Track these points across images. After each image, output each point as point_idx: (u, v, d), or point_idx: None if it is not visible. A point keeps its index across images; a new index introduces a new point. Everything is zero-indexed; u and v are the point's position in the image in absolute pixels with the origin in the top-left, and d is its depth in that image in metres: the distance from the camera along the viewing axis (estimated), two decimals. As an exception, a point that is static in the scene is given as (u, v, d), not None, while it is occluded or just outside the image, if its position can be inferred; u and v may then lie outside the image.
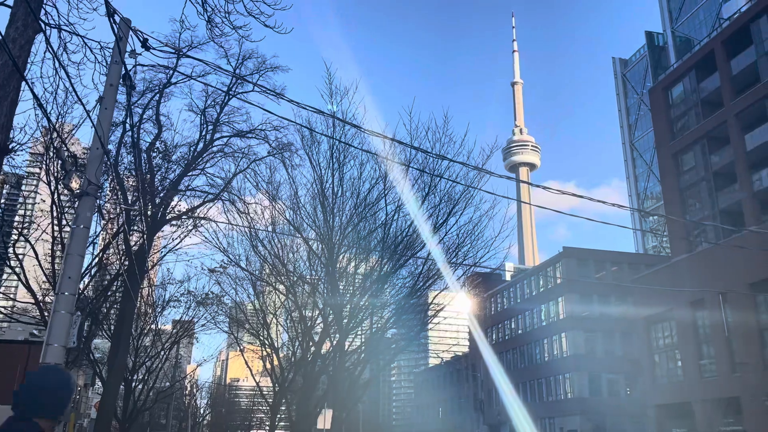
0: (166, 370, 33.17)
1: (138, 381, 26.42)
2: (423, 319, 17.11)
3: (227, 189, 18.87)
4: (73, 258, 7.85)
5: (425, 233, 15.29)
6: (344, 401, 14.06)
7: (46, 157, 15.15)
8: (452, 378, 76.04)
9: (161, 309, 26.62)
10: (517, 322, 62.85)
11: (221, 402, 74.38)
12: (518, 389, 58.97)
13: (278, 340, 29.27)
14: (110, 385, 16.60)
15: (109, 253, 19.09)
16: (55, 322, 7.43)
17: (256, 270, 25.42)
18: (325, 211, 16.11)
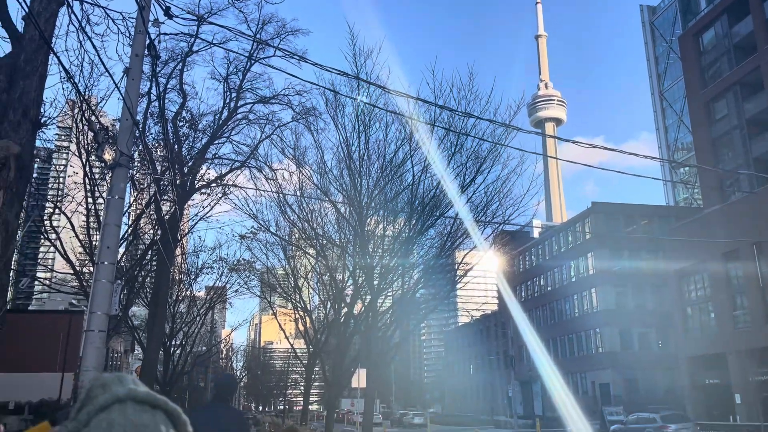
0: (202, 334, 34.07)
1: (176, 346, 27.19)
2: (452, 278, 17.18)
3: (254, 156, 18.99)
4: (109, 228, 8.03)
5: (452, 193, 15.23)
6: (377, 361, 14.30)
7: (77, 130, 15.37)
8: (482, 336, 76.68)
9: (195, 276, 27.20)
10: (546, 278, 62.78)
11: (256, 364, 76.27)
12: (548, 345, 59.26)
13: (310, 303, 29.76)
14: (150, 350, 17.12)
15: (142, 223, 19.46)
16: (96, 291, 7.66)
17: (286, 235, 25.72)
18: (352, 174, 16.10)
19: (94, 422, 0.51)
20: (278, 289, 28.65)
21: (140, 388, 0.56)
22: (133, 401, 0.53)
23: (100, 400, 0.53)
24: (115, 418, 0.51)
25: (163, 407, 0.54)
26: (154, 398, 0.54)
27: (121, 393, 0.53)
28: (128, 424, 0.51)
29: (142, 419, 0.52)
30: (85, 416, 0.52)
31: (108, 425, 0.50)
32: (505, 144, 14.84)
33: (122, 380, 0.56)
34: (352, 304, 20.44)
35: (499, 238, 19.45)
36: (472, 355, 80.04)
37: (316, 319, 29.19)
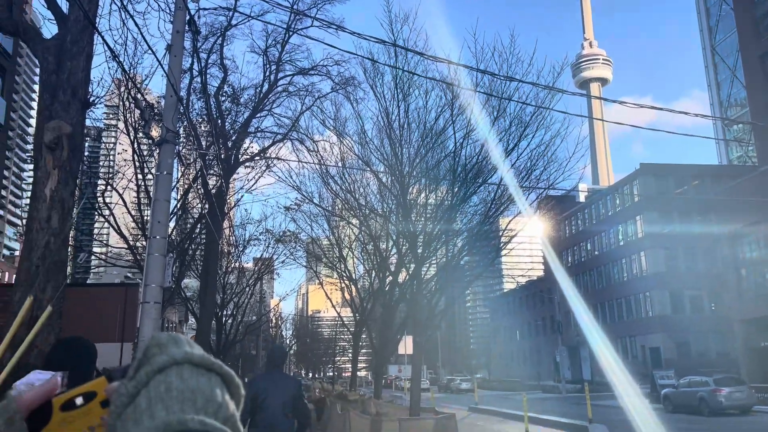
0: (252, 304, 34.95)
1: (227, 316, 27.99)
2: (497, 245, 17.07)
3: (295, 128, 19.13)
4: (160, 203, 8.26)
5: (496, 159, 15.03)
6: (423, 327, 14.42)
7: (124, 108, 15.73)
8: (528, 302, 76.33)
9: (243, 248, 27.80)
10: (593, 243, 61.77)
11: (305, 333, 77.99)
12: (596, 310, 58.59)
13: (355, 272, 30.12)
14: (203, 320, 17.70)
15: (190, 198, 19.93)
16: (150, 264, 7.93)
17: (329, 205, 25.96)
18: (392, 143, 16.03)
19: (153, 383, 0.53)
20: (323, 259, 29.06)
21: (196, 350, 0.57)
22: (189, 364, 0.55)
23: (158, 362, 0.55)
24: (173, 380, 0.53)
25: (218, 371, 0.56)
26: (209, 361, 0.55)
27: (178, 356, 0.55)
28: (185, 387, 0.52)
29: (198, 382, 0.53)
30: (144, 377, 0.54)
31: (166, 388, 0.52)
32: (549, 107, 14.50)
33: (178, 341, 0.57)
34: (397, 273, 20.57)
35: (544, 203, 19.15)
36: (518, 321, 79.90)
37: (361, 287, 29.53)
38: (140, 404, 0.52)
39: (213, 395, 0.54)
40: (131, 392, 0.54)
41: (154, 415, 0.51)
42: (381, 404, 15.95)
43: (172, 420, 0.50)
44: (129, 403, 0.54)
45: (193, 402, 0.52)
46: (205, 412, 0.52)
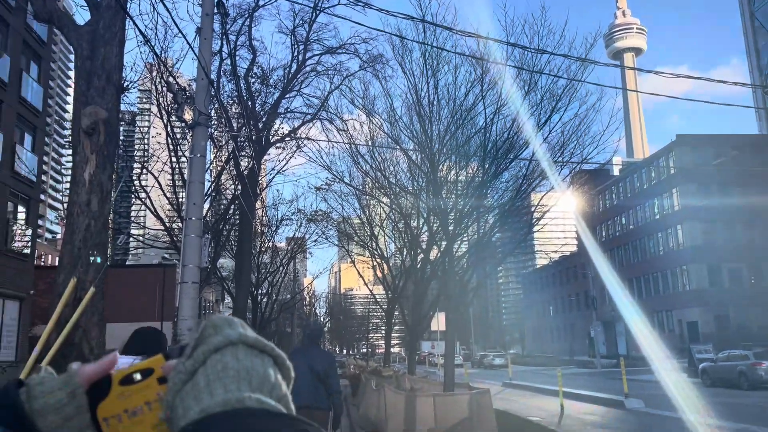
0: (286, 283, 35.43)
1: (262, 295, 28.46)
2: (529, 221, 16.93)
3: (324, 108, 19.16)
4: (194, 185, 8.41)
5: (527, 134, 14.84)
6: (455, 304, 14.46)
7: (156, 92, 15.96)
8: (561, 277, 75.72)
9: (275, 228, 28.15)
10: (628, 217, 60.77)
11: (338, 310, 78.87)
12: (631, 285, 57.82)
13: (387, 250, 30.24)
14: (239, 299, 18.04)
15: (223, 179, 20.20)
16: (187, 245, 8.11)
17: (360, 184, 26.03)
18: (422, 120, 15.93)
19: (210, 362, 0.55)
20: (355, 238, 29.24)
21: (249, 332, 0.58)
22: (243, 345, 0.56)
23: (214, 342, 0.56)
24: (229, 360, 0.54)
25: (270, 352, 0.57)
26: (262, 343, 0.57)
27: (233, 336, 0.56)
28: (240, 367, 0.54)
29: (252, 363, 0.55)
30: (201, 355, 0.56)
31: (223, 367, 0.54)
32: (581, 80, 14.22)
33: (232, 324, 0.59)
34: (428, 250, 20.60)
35: (578, 178, 18.89)
36: (551, 297, 79.42)
37: (393, 265, 29.67)
38: (199, 382, 0.55)
39: (267, 375, 0.56)
40: (189, 370, 0.56)
41: (213, 393, 0.53)
42: (415, 380, 16.12)
43: (230, 398, 0.52)
44: (187, 381, 0.56)
45: (248, 381, 0.54)
46: (260, 391, 0.54)
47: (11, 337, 24.00)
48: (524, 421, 14.41)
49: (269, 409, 0.52)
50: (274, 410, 0.52)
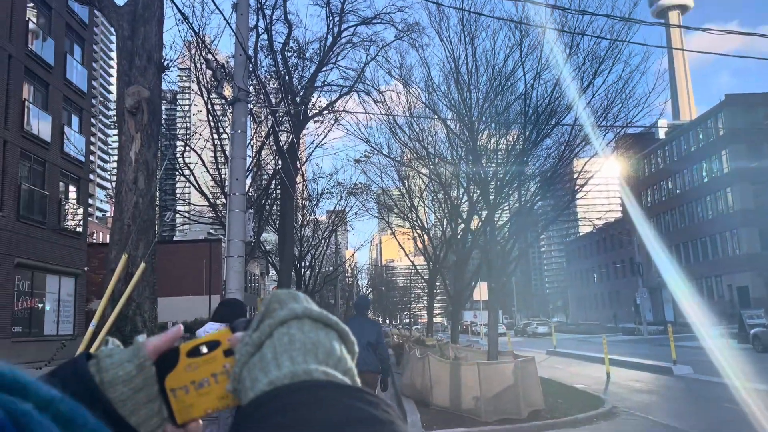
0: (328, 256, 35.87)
1: (305, 267, 28.90)
2: (572, 188, 16.63)
3: (361, 79, 19.09)
4: (236, 161, 8.53)
5: (569, 98, 14.50)
6: (497, 274, 14.40)
7: (196, 70, 16.15)
8: (606, 244, 74.47)
9: (316, 201, 28.42)
10: (675, 181, 59.07)
11: (380, 281, 79.57)
12: (678, 250, 56.49)
13: (427, 221, 30.20)
14: (283, 272, 18.36)
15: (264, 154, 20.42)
16: (231, 220, 8.27)
17: (398, 156, 25.97)
18: (460, 89, 15.72)
19: (277, 335, 0.56)
20: (395, 210, 29.29)
21: (314, 306, 0.59)
22: (309, 318, 0.57)
23: (280, 315, 0.57)
24: (295, 333, 0.55)
25: (335, 326, 0.57)
26: (327, 317, 0.57)
27: (299, 310, 0.57)
28: (306, 339, 0.54)
29: (318, 336, 0.55)
30: (267, 328, 0.56)
31: (289, 340, 0.54)
32: (625, 40, 13.76)
33: (296, 298, 0.60)
34: (469, 220, 20.50)
35: (622, 142, 18.39)
36: (595, 264, 78.30)
37: (433, 236, 29.65)
38: (266, 354, 0.55)
39: (332, 349, 0.56)
40: (256, 342, 0.57)
41: (280, 365, 0.54)
42: (459, 349, 16.22)
43: (298, 370, 0.53)
44: (254, 353, 0.57)
45: (315, 354, 0.55)
46: (326, 364, 0.55)
47: (69, 312, 25.06)
48: (570, 389, 14.38)
49: (336, 382, 0.52)
50: (341, 382, 0.53)
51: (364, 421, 0.45)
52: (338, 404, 0.47)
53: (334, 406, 0.46)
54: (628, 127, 15.35)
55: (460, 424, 9.96)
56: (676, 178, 58.64)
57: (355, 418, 0.45)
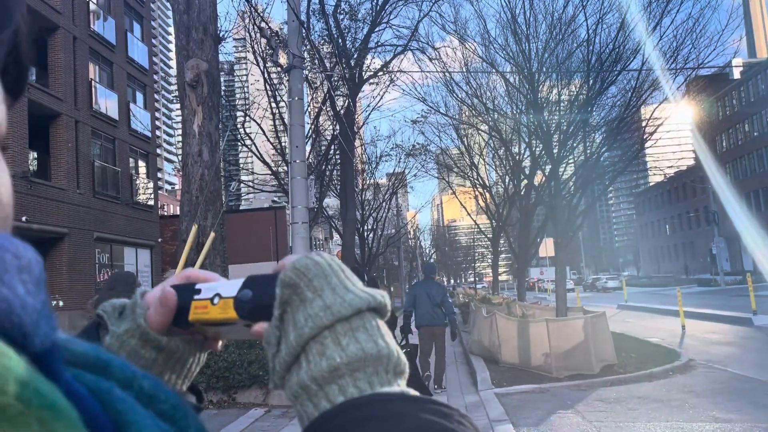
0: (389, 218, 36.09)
1: (368, 231, 29.18)
2: (640, 137, 15.94)
3: (414, 37, 18.74)
4: (295, 128, 8.59)
5: (635, 42, 13.78)
6: (564, 229, 14.08)
7: (251, 40, 16.26)
8: (677, 194, 71.63)
9: (375, 164, 28.47)
10: (752, 123, 55.80)
11: (443, 242, 79.59)
12: (756, 196, 53.70)
13: (488, 179, 29.80)
14: (346, 236, 18.59)
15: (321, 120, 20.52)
16: (294, 187, 8.37)
17: (456, 114, 25.56)
18: (518, 39, 15.21)
19: (312, 357, 0.51)
20: (455, 169, 29.01)
21: (334, 282, 0.54)
22: (340, 322, 0.52)
23: (306, 329, 0.52)
24: (332, 353, 0.51)
25: (370, 307, 0.52)
26: (358, 305, 0.52)
27: (326, 318, 0.52)
28: (350, 358, 0.50)
29: (360, 345, 0.51)
30: (294, 344, 0.53)
31: (329, 367, 0.50)
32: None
33: (312, 281, 0.54)
34: (532, 176, 20.05)
35: (693, 85, 17.41)
36: (667, 215, 75.57)
37: (495, 193, 29.27)
38: (309, 385, 0.48)
39: (380, 352, 0.49)
40: (285, 360, 0.50)
41: (330, 398, 0.47)
42: (526, 306, 16.08)
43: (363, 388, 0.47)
44: (288, 369, 0.50)
45: (363, 371, 0.48)
46: (376, 374, 0.48)
47: (146, 282, 26.33)
48: (643, 343, 14.06)
49: (407, 393, 0.47)
50: (412, 394, 0.47)
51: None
52: (412, 418, 0.43)
53: (407, 421, 0.42)
54: (699, 69, 14.50)
55: (531, 380, 9.94)
56: (753, 120, 55.37)
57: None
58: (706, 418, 7.28)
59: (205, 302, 0.58)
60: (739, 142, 58.33)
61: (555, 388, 9.46)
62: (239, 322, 0.56)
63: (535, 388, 9.44)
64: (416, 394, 0.48)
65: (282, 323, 0.51)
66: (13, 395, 0.26)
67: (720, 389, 8.90)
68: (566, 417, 7.70)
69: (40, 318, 0.32)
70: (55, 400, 0.28)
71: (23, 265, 0.32)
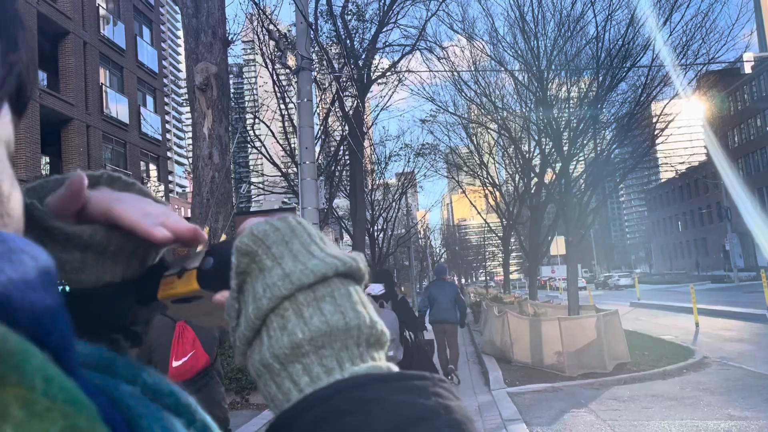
0: (399, 218, 36.06)
1: (378, 231, 29.18)
2: (651, 133, 15.85)
3: (422, 37, 18.71)
4: (305, 130, 8.61)
5: (644, 38, 13.71)
6: (575, 227, 14.02)
7: (259, 42, 16.32)
8: (689, 190, 71.12)
9: (385, 164, 28.47)
10: (764, 118, 55.27)
11: (453, 241, 79.43)
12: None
13: (498, 177, 29.73)
14: (356, 236, 18.60)
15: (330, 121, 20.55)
16: (304, 188, 8.39)
17: (465, 113, 25.50)
18: (526, 37, 15.17)
19: (273, 332, 0.47)
20: (464, 168, 28.95)
21: (296, 247, 0.48)
22: (300, 290, 0.46)
23: (264, 300, 0.48)
24: (294, 328, 0.46)
25: (338, 272, 0.47)
26: (322, 271, 0.47)
27: (284, 288, 0.47)
28: (315, 334, 0.45)
29: (326, 318, 0.46)
30: (252, 317, 0.48)
31: (291, 344, 0.45)
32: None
33: (266, 242, 0.49)
34: (542, 174, 19.99)
35: (704, 80, 17.29)
36: (679, 211, 75.05)
37: (505, 192, 29.18)
38: (272, 365, 0.44)
39: (348, 323, 0.44)
40: (245, 334, 0.46)
41: (298, 384, 0.43)
42: (537, 305, 16.03)
43: (323, 387, 0.43)
44: (249, 344, 0.46)
45: (331, 347, 0.44)
46: (347, 348, 0.44)
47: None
48: (657, 340, 13.97)
49: (376, 374, 0.42)
50: (382, 373, 0.42)
51: (418, 422, 0.38)
52: (383, 404, 0.38)
53: (378, 409, 0.38)
54: (710, 64, 14.40)
55: (544, 379, 9.90)
56: (765, 114, 54.87)
57: (408, 419, 0.38)
58: (721, 416, 7.22)
59: (172, 277, 0.54)
60: (751, 137, 57.79)
61: (568, 386, 9.42)
62: (205, 294, 0.51)
63: (548, 387, 9.41)
64: (386, 368, 0.43)
65: (241, 294, 0.46)
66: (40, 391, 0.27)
67: (734, 386, 8.83)
68: (580, 416, 7.67)
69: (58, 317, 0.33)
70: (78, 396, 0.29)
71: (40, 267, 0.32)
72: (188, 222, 0.56)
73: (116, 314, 0.55)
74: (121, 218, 0.51)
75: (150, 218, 0.52)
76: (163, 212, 0.54)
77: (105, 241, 0.51)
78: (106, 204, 0.52)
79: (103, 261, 0.52)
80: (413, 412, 0.38)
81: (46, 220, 0.49)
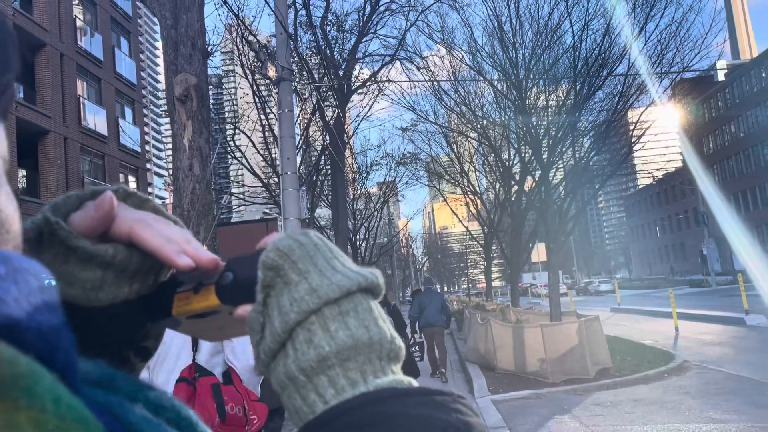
0: (381, 227, 36.04)
1: (360, 240, 29.15)
2: (628, 140, 16.08)
3: (402, 47, 18.82)
4: (286, 140, 8.59)
5: (620, 47, 13.93)
6: (555, 234, 14.15)
7: (239, 53, 16.28)
8: (666, 196, 72.15)
9: (366, 174, 28.48)
10: (738, 124, 56.34)
11: (435, 249, 79.62)
12: (744, 196, 54.17)
13: (478, 185, 29.90)
14: (338, 246, 18.52)
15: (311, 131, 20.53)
16: (286, 199, 8.37)
17: (445, 122, 25.66)
18: (504, 47, 15.34)
19: (299, 344, 0.48)
20: (445, 176, 29.09)
21: (320, 262, 0.50)
22: (327, 305, 0.49)
23: (292, 314, 0.49)
24: (321, 341, 0.47)
25: (361, 287, 0.49)
26: (346, 287, 0.49)
27: (312, 303, 0.49)
28: (340, 347, 0.46)
29: (351, 332, 0.48)
30: (279, 330, 0.49)
31: (318, 357, 0.47)
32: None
33: (295, 261, 0.51)
34: (522, 181, 20.15)
35: (679, 88, 17.61)
36: (657, 217, 76.08)
37: (486, 200, 29.35)
38: (297, 377, 0.45)
39: (371, 338, 0.46)
40: (270, 347, 0.46)
41: (322, 395, 0.44)
42: (520, 312, 16.11)
43: (347, 400, 0.44)
44: (274, 357, 0.47)
45: (355, 359, 0.45)
46: (370, 362, 0.45)
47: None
48: (637, 345, 14.12)
49: (398, 388, 0.43)
50: (403, 388, 0.43)
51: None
52: (406, 419, 0.40)
53: (401, 423, 0.39)
54: (684, 72, 14.66)
55: (527, 386, 9.95)
56: (738, 121, 55.95)
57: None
58: (703, 419, 7.31)
59: (187, 293, 0.54)
60: (726, 143, 58.88)
61: (551, 393, 9.48)
62: (223, 308, 0.52)
63: (532, 394, 9.45)
64: (407, 383, 0.45)
65: (266, 308, 0.47)
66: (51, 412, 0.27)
67: (715, 390, 8.95)
68: (563, 422, 7.71)
69: (62, 336, 0.33)
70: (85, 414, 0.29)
71: (44, 287, 0.33)
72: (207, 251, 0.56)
73: (130, 331, 0.56)
74: (145, 242, 0.51)
75: (172, 245, 0.52)
76: (185, 238, 0.55)
77: (126, 260, 0.52)
78: (128, 225, 0.52)
79: (121, 279, 0.52)
80: (434, 426, 0.39)
81: (70, 240, 0.49)
